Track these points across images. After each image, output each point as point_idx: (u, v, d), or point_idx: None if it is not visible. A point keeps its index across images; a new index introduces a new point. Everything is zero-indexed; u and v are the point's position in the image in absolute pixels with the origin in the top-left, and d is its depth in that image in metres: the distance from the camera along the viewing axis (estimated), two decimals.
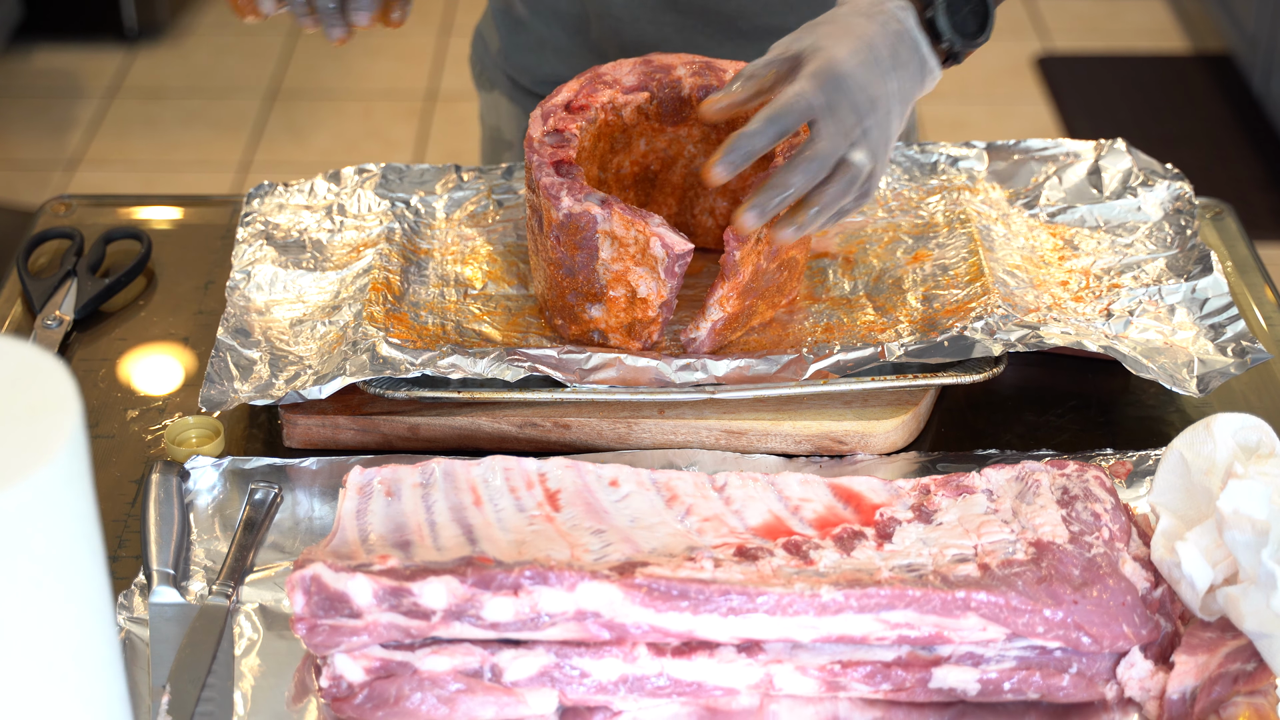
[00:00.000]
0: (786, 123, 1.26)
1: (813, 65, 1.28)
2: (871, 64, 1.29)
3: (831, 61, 1.28)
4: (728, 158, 1.26)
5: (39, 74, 4.25)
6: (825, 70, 1.27)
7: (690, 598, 1.10)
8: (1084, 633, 1.11)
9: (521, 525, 1.17)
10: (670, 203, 1.54)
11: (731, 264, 1.36)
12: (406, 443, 1.37)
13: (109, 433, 1.39)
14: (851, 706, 1.13)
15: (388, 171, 1.60)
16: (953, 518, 1.19)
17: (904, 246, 1.52)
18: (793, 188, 1.27)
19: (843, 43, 1.29)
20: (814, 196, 1.28)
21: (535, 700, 1.11)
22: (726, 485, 1.22)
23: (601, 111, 1.46)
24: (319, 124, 4.10)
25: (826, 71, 1.27)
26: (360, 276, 1.46)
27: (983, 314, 1.38)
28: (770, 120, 1.26)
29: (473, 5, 4.59)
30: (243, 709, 1.13)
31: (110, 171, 3.89)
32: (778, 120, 1.26)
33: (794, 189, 1.27)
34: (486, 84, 1.88)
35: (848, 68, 1.28)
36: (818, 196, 1.28)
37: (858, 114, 1.28)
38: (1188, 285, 1.45)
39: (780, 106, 1.26)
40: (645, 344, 1.39)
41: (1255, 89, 4.02)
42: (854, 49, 1.29)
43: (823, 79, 1.27)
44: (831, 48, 1.29)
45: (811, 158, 1.27)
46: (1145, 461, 1.33)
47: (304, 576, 1.10)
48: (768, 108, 1.27)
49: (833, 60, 1.28)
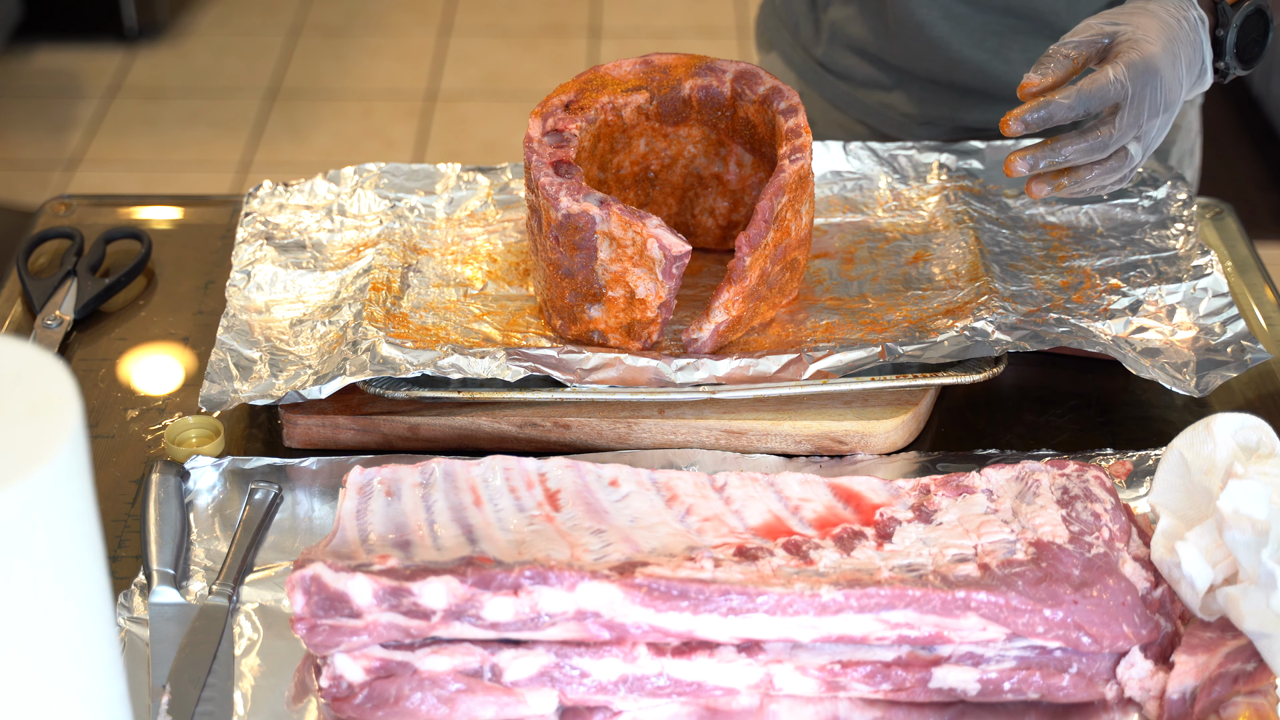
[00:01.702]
0: (1096, 103, 1.32)
1: (1131, 54, 1.33)
2: (1177, 66, 1.35)
3: (1148, 56, 1.33)
4: (1030, 116, 1.31)
5: (39, 74, 4.25)
6: (1141, 63, 1.32)
7: (690, 598, 1.10)
8: (1084, 633, 1.11)
9: (521, 525, 1.17)
10: (670, 203, 1.54)
11: (741, 269, 1.36)
12: (406, 443, 1.37)
13: (109, 433, 1.39)
14: (851, 706, 1.13)
15: (388, 171, 1.60)
16: (953, 518, 1.19)
17: (904, 246, 1.52)
18: (1070, 158, 1.33)
19: (1157, 38, 1.34)
20: (1083, 170, 1.35)
21: (535, 700, 1.11)
22: (726, 485, 1.22)
23: (601, 112, 1.46)
24: (319, 124, 4.09)
25: (1142, 64, 1.32)
26: (360, 276, 1.46)
27: (983, 314, 1.38)
28: (1083, 98, 1.31)
29: (473, 5, 4.59)
30: (243, 709, 1.13)
31: (110, 171, 3.89)
32: (1090, 99, 1.31)
33: (1070, 160, 1.33)
34: (766, 44, 1.90)
35: (1161, 65, 1.33)
36: (1086, 172, 1.35)
37: (1154, 111, 1.34)
38: (1188, 285, 1.45)
39: (1096, 87, 1.31)
40: (645, 344, 1.39)
41: (1255, 89, 4.02)
42: (1166, 47, 1.35)
43: (1138, 71, 1.32)
44: (1147, 40, 1.34)
45: (1100, 138, 1.33)
46: (1145, 461, 1.33)
47: (304, 576, 1.10)
48: (1084, 84, 1.31)
49: (1149, 55, 1.33)
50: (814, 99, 1.83)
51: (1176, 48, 1.36)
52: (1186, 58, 1.37)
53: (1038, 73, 1.34)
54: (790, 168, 1.38)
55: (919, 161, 1.61)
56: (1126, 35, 1.35)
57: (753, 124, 1.47)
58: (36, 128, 4.05)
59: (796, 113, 1.42)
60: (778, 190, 1.37)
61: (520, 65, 4.34)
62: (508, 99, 4.19)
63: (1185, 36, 1.37)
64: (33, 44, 4.32)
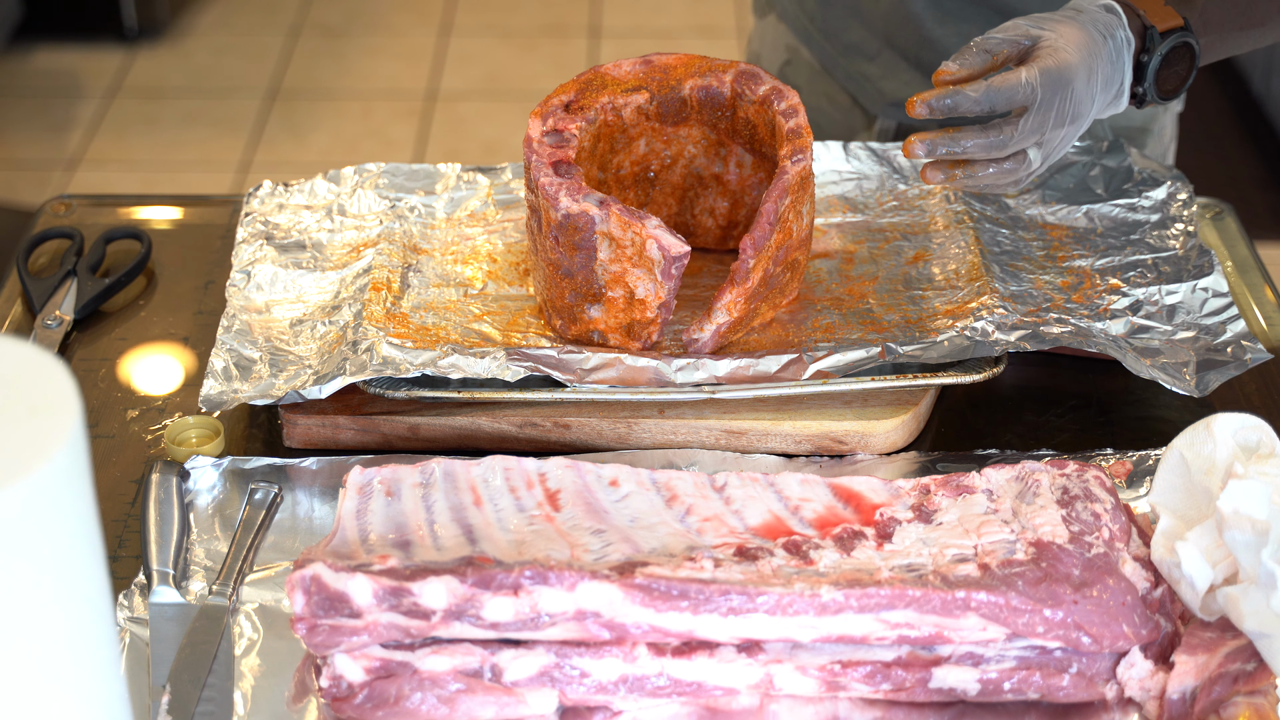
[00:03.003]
0: (1003, 101, 1.32)
1: (1047, 61, 1.33)
2: (1091, 80, 1.36)
3: (1064, 65, 1.33)
4: (936, 101, 1.32)
5: (39, 74, 4.25)
6: (1056, 71, 1.33)
7: (690, 598, 1.10)
8: (1084, 633, 1.11)
9: (521, 525, 1.17)
10: (670, 203, 1.54)
11: (744, 271, 1.36)
12: (406, 443, 1.37)
13: (109, 433, 1.39)
14: (851, 706, 1.13)
15: (388, 171, 1.60)
16: (953, 518, 1.19)
17: (904, 246, 1.52)
18: (969, 150, 1.33)
19: (1077, 50, 1.35)
20: (979, 166, 1.35)
21: (535, 700, 1.11)
22: (726, 485, 1.22)
23: (601, 112, 1.46)
24: (319, 124, 4.09)
25: (1056, 73, 1.33)
26: (360, 276, 1.46)
27: (983, 314, 1.38)
28: (991, 94, 1.32)
29: (473, 5, 4.59)
30: (243, 709, 1.13)
31: (110, 171, 3.89)
32: (997, 96, 1.32)
33: (969, 152, 1.33)
34: (762, 8, 1.91)
35: (1075, 76, 1.34)
36: (982, 167, 1.35)
37: (1060, 120, 1.34)
38: (1188, 285, 1.45)
39: (1006, 86, 1.32)
40: (645, 344, 1.39)
41: (1255, 89, 4.02)
42: (1084, 60, 1.35)
43: (1050, 77, 1.32)
44: (1066, 50, 1.34)
45: (1001, 137, 1.33)
46: (1145, 461, 1.33)
47: (304, 576, 1.10)
48: (995, 81, 1.32)
49: (1065, 64, 1.33)
50: (802, 64, 1.83)
51: (1095, 63, 1.36)
52: (1104, 75, 1.37)
53: (955, 63, 1.34)
54: (792, 169, 1.38)
55: (919, 162, 1.61)
56: (1048, 41, 1.35)
57: (753, 124, 1.47)
58: (36, 128, 4.05)
59: (797, 113, 1.42)
60: (781, 192, 1.37)
61: (520, 65, 4.34)
62: (508, 99, 4.19)
63: (1107, 54, 1.37)
64: (33, 44, 4.32)
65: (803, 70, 1.84)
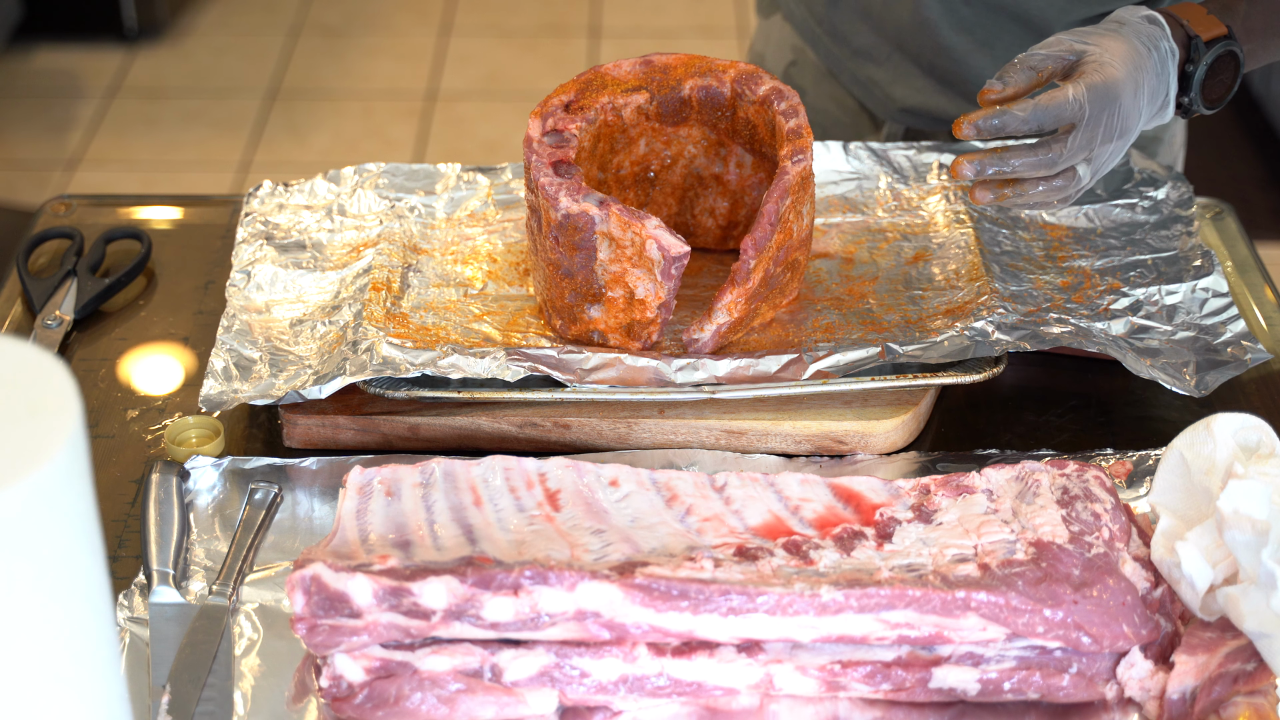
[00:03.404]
0: (1051, 119, 1.31)
1: (1093, 77, 1.32)
2: (1138, 94, 1.35)
3: (1111, 81, 1.32)
4: (984, 122, 1.31)
5: (39, 74, 4.25)
6: (1103, 87, 1.32)
7: (690, 598, 1.10)
8: (1084, 633, 1.11)
9: (521, 525, 1.17)
10: (670, 203, 1.54)
11: (745, 272, 1.36)
12: (406, 443, 1.37)
13: (109, 433, 1.39)
14: (851, 706, 1.13)
15: (388, 171, 1.60)
16: (953, 518, 1.19)
17: (904, 246, 1.52)
18: (1018, 170, 1.32)
19: (1123, 64, 1.34)
20: (1029, 184, 1.34)
21: (535, 700, 1.11)
22: (726, 485, 1.22)
23: (601, 112, 1.46)
24: (319, 124, 4.09)
25: (1103, 88, 1.32)
26: (360, 276, 1.46)
27: (983, 314, 1.38)
28: (1039, 112, 1.31)
29: (473, 5, 4.59)
30: (243, 709, 1.13)
31: (110, 171, 3.89)
32: (1046, 115, 1.31)
33: (1018, 171, 1.32)
34: (767, 7, 1.89)
35: (1122, 91, 1.33)
36: (1031, 186, 1.34)
37: (1108, 135, 1.33)
38: (1188, 285, 1.45)
39: (1054, 104, 1.31)
40: (645, 344, 1.39)
41: (1255, 89, 4.02)
42: (1130, 75, 1.34)
43: (1098, 94, 1.31)
44: (1112, 65, 1.33)
45: (1051, 155, 1.32)
46: (1145, 461, 1.33)
47: (304, 576, 1.10)
48: (1043, 100, 1.31)
49: (1111, 80, 1.32)
50: (808, 66, 1.82)
51: (1141, 76, 1.35)
52: (1150, 88, 1.37)
53: (1000, 81, 1.34)
54: (793, 169, 1.38)
55: (919, 161, 1.61)
56: (1094, 56, 1.34)
57: (753, 124, 1.47)
58: (36, 128, 4.05)
59: (797, 113, 1.42)
60: (783, 193, 1.37)
61: (520, 65, 4.34)
62: (508, 99, 4.19)
63: (1153, 67, 1.37)
64: (33, 44, 4.32)
65: (808, 72, 1.83)
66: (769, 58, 1.89)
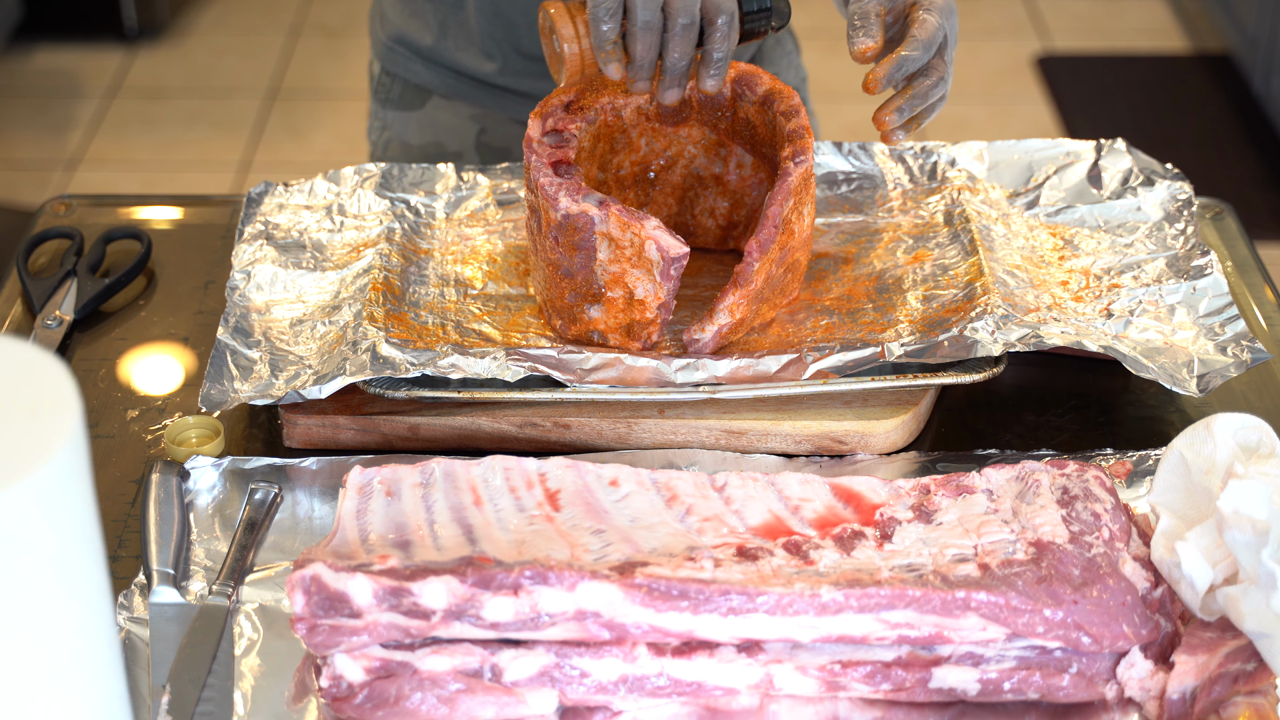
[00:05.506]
0: (934, 48, 1.43)
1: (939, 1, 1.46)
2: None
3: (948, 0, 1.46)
4: (892, 73, 1.40)
5: (39, 74, 4.25)
6: (947, 7, 1.44)
7: (690, 598, 1.10)
8: (1084, 633, 1.11)
9: (521, 525, 1.17)
10: (670, 203, 1.54)
11: (748, 273, 1.36)
12: (406, 443, 1.37)
13: (109, 433, 1.39)
14: (851, 706, 1.13)
15: (388, 171, 1.60)
16: (953, 518, 1.19)
17: (904, 246, 1.52)
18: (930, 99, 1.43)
19: None
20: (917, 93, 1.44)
21: (535, 700, 1.11)
22: (726, 485, 1.22)
23: (601, 112, 1.46)
24: (319, 124, 4.09)
25: (948, 8, 1.44)
26: (360, 276, 1.46)
27: (983, 314, 1.38)
28: (927, 46, 1.42)
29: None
30: (243, 709, 1.13)
31: (110, 171, 3.89)
32: (930, 45, 1.42)
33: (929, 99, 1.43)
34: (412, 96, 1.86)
35: (953, 7, 1.46)
36: (933, 105, 1.45)
37: (954, 41, 1.46)
38: (1188, 285, 1.45)
39: (931, 34, 1.42)
40: (644, 344, 1.39)
41: (1255, 89, 4.02)
42: None
43: (947, 14, 1.44)
44: None
45: (942, 76, 1.44)
46: (1145, 461, 1.33)
47: (304, 576, 1.10)
48: (918, 34, 1.42)
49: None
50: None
51: None
52: None
53: (869, 37, 1.42)
54: (795, 170, 1.38)
55: (920, 162, 1.61)
56: None
57: (753, 125, 1.47)
58: (36, 128, 4.05)
59: (797, 114, 1.42)
60: (785, 194, 1.37)
61: None
62: None
63: None
64: (33, 44, 4.32)
65: None
66: (446, 140, 1.84)
